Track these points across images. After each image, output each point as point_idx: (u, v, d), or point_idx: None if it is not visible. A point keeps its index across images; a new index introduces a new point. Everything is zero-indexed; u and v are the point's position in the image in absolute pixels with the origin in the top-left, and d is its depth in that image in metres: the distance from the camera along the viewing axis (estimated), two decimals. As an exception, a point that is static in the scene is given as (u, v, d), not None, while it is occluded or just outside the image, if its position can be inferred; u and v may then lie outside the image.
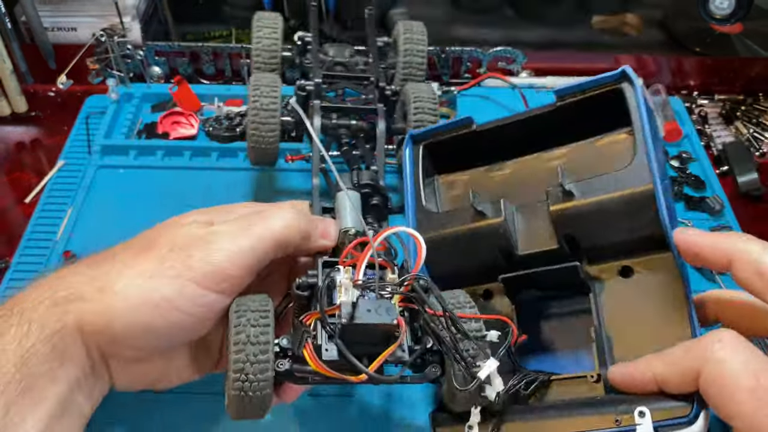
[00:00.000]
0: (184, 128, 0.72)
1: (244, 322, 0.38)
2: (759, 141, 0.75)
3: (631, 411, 0.37)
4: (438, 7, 0.95)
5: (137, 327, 0.38)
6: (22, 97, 0.76)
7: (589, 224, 0.43)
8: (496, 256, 0.46)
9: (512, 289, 0.46)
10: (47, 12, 0.80)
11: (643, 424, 0.37)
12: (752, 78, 0.83)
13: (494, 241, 0.46)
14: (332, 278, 0.39)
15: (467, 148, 0.51)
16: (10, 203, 0.67)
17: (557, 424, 0.40)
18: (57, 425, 0.37)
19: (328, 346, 0.38)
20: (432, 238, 0.47)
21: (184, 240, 0.40)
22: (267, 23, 0.65)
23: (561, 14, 0.98)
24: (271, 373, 0.38)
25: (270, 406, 0.39)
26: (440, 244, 0.47)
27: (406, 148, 0.52)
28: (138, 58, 0.76)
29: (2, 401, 0.34)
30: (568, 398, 0.41)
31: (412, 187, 0.51)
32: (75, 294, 0.38)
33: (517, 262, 0.45)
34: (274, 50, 0.64)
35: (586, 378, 0.42)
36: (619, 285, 0.43)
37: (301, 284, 0.41)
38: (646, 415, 0.37)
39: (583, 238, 0.43)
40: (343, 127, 0.59)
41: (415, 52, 0.64)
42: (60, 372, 0.37)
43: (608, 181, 0.42)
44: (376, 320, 0.37)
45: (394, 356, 0.39)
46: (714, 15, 0.79)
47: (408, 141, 0.52)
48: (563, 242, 0.44)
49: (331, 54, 0.65)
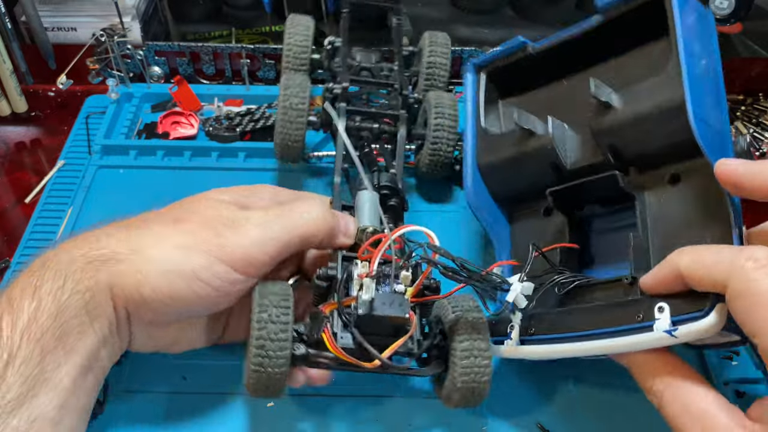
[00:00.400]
0: (184, 128, 0.72)
1: (267, 303, 0.41)
2: (759, 141, 0.75)
3: (652, 307, 0.38)
4: (438, 7, 0.95)
5: (165, 293, 0.40)
6: (22, 97, 0.76)
7: (629, 134, 0.44)
8: (547, 172, 0.48)
9: (562, 204, 0.48)
10: (47, 12, 0.80)
11: (661, 319, 0.38)
12: (752, 78, 0.83)
13: (544, 158, 0.48)
14: (350, 271, 0.43)
15: (524, 72, 0.53)
16: (10, 203, 0.67)
17: (587, 323, 0.42)
18: (84, 378, 0.39)
19: (343, 335, 0.42)
20: (491, 162, 0.51)
21: (216, 219, 0.43)
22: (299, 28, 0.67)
23: (561, 14, 0.97)
24: (288, 352, 0.41)
25: (285, 385, 0.42)
26: (498, 166, 0.50)
27: (468, 75, 0.55)
28: (138, 58, 0.76)
29: (39, 348, 0.36)
30: (605, 301, 0.43)
31: (474, 112, 0.54)
32: (109, 254, 0.40)
33: (567, 177, 0.47)
34: (305, 53, 0.67)
35: (622, 281, 0.42)
36: (667, 193, 0.43)
37: (321, 275, 0.44)
38: (665, 310, 0.38)
39: (625, 148, 0.44)
40: (366, 129, 0.61)
41: (438, 64, 0.68)
42: (90, 327, 0.39)
43: (643, 89, 0.43)
44: (390, 313, 0.41)
45: (405, 347, 0.42)
46: (714, 15, 0.79)
47: (471, 68, 0.55)
48: (608, 154, 0.45)
49: (358, 59, 0.67)
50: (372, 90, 0.64)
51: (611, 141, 0.45)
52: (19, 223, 0.64)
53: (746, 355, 0.54)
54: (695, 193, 0.41)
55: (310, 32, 0.68)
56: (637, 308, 0.40)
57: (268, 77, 0.79)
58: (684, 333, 0.37)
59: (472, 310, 0.45)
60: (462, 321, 0.44)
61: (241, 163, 0.69)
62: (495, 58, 0.54)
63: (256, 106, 0.74)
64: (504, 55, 0.54)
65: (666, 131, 0.42)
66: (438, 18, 0.94)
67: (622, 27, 0.47)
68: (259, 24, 0.91)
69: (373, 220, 0.49)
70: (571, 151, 0.47)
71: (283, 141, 0.61)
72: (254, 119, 0.73)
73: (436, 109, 0.62)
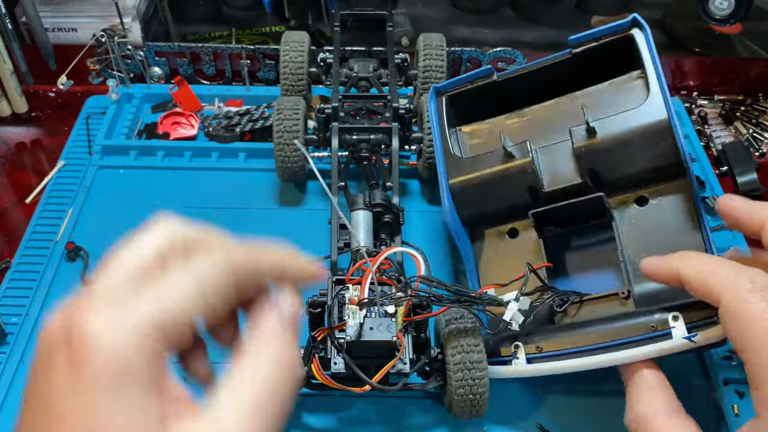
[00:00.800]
0: (185, 129, 0.73)
1: None
2: (759, 141, 0.75)
3: (665, 318, 0.42)
4: (438, 7, 0.95)
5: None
6: (23, 98, 0.76)
7: (611, 158, 0.47)
8: (522, 194, 0.50)
9: (540, 224, 0.50)
10: (47, 12, 0.80)
11: (677, 327, 0.41)
12: (752, 78, 0.83)
13: (522, 181, 0.49)
14: (342, 296, 0.44)
15: (487, 98, 0.54)
16: (11, 204, 0.67)
17: (594, 337, 0.44)
18: None
19: (336, 360, 0.43)
20: (461, 183, 0.52)
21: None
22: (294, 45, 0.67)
23: (561, 15, 0.98)
24: None
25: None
26: (468, 188, 0.51)
27: (431, 101, 0.55)
28: (138, 59, 0.76)
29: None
30: (604, 315, 0.45)
31: (440, 136, 0.54)
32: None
33: (543, 199, 0.49)
34: (301, 70, 0.67)
35: (617, 295, 0.46)
36: (635, 212, 0.48)
37: (313, 302, 0.45)
38: (679, 319, 0.42)
39: (605, 172, 0.48)
40: (363, 141, 0.62)
41: (434, 66, 0.68)
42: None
43: (627, 117, 0.47)
44: (377, 337, 0.42)
45: (396, 368, 0.43)
46: (714, 15, 0.79)
47: (432, 94, 0.55)
48: (587, 176, 0.48)
49: (355, 69, 0.67)
50: (366, 104, 0.64)
51: (593, 165, 0.48)
52: (20, 224, 0.64)
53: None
54: (666, 213, 0.47)
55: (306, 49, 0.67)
56: (646, 319, 0.43)
57: (269, 78, 0.79)
58: (702, 339, 0.41)
59: (466, 323, 0.45)
60: (455, 334, 0.45)
61: (241, 164, 0.69)
62: (458, 83, 0.55)
63: (256, 106, 0.75)
64: (467, 81, 0.54)
65: (649, 154, 0.46)
66: (438, 18, 0.94)
67: (590, 61, 0.50)
68: (259, 24, 0.91)
69: (367, 239, 0.50)
70: (547, 174, 0.49)
71: (284, 164, 0.62)
72: (253, 119, 0.73)
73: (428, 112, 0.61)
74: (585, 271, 0.50)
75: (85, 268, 0.59)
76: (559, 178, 0.49)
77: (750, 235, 0.40)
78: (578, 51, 0.50)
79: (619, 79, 0.50)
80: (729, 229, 0.48)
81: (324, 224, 0.55)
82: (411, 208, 0.64)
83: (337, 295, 0.45)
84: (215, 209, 0.64)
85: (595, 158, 0.47)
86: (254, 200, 0.66)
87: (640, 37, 0.48)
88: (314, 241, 0.60)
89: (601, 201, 0.47)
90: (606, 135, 0.47)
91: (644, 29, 0.48)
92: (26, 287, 0.58)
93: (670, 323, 0.42)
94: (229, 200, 0.65)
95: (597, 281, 0.49)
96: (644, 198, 0.48)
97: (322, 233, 0.57)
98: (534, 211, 0.49)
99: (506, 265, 0.51)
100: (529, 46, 0.83)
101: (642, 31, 0.48)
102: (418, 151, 0.65)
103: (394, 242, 0.53)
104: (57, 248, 0.60)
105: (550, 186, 0.49)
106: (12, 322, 0.55)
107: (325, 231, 0.54)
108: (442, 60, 0.68)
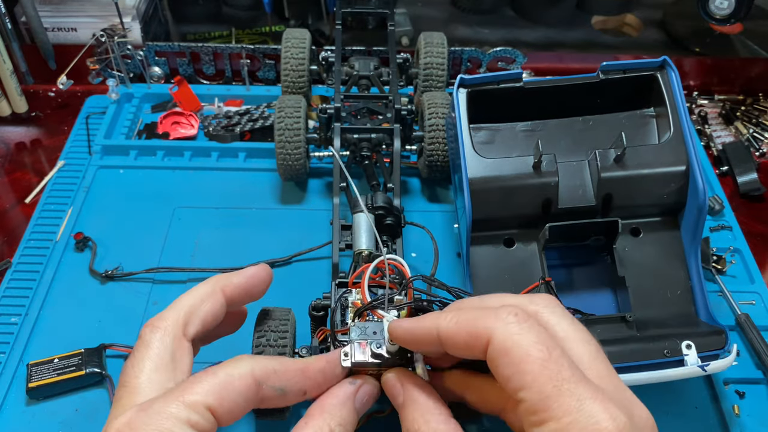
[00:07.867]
0: (184, 128, 0.73)
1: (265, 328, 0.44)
2: (759, 141, 0.75)
3: (678, 344, 0.44)
4: (438, 7, 0.96)
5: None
6: (23, 98, 0.76)
7: (629, 186, 0.49)
8: (535, 206, 0.50)
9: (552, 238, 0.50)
10: (47, 12, 0.80)
11: (690, 355, 0.44)
12: (752, 78, 0.83)
13: (541, 193, 0.50)
14: (345, 299, 0.45)
15: (506, 102, 0.53)
16: (11, 203, 0.67)
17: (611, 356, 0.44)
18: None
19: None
20: (479, 182, 0.50)
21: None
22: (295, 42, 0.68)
23: (561, 14, 0.98)
24: None
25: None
26: (487, 189, 0.50)
27: (457, 92, 0.53)
28: (138, 59, 0.76)
29: None
30: (610, 336, 0.46)
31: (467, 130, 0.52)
32: None
33: (554, 214, 0.50)
34: (302, 68, 0.67)
35: (626, 318, 0.47)
36: (628, 242, 0.50)
37: (317, 306, 0.46)
38: (692, 347, 0.44)
39: (619, 198, 0.50)
40: (365, 140, 0.62)
41: (435, 64, 0.68)
42: None
43: (651, 153, 0.50)
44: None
45: None
46: (714, 15, 0.79)
47: (458, 85, 0.53)
48: (600, 200, 0.49)
49: (356, 68, 0.67)
50: (368, 105, 0.64)
51: (611, 190, 0.49)
52: (20, 223, 0.64)
53: (746, 355, 0.54)
54: (654, 244, 0.50)
55: (307, 47, 0.68)
56: (660, 344, 0.44)
57: (268, 77, 0.79)
58: (713, 368, 0.44)
59: None
60: None
61: (241, 163, 0.69)
62: (485, 80, 0.53)
63: (256, 106, 0.75)
64: (495, 80, 0.53)
65: (662, 192, 0.49)
66: (438, 18, 0.94)
67: (614, 89, 0.52)
68: (259, 24, 0.91)
69: (368, 242, 0.50)
70: (563, 191, 0.50)
71: (285, 162, 0.62)
72: (253, 119, 0.73)
73: (430, 110, 0.62)
74: (577, 289, 0.51)
75: (93, 259, 0.59)
76: (574, 197, 0.50)
77: (465, 357, 0.36)
78: (606, 78, 0.51)
79: (637, 113, 0.52)
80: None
81: (325, 223, 0.55)
82: (411, 207, 0.64)
83: (340, 298, 0.45)
84: (215, 209, 0.64)
85: (614, 186, 0.49)
86: (254, 200, 0.65)
87: (667, 79, 0.51)
88: (315, 241, 0.60)
89: (616, 226, 0.48)
90: (631, 166, 0.49)
91: (673, 72, 0.50)
92: (26, 287, 0.57)
93: (683, 350, 0.44)
94: (229, 200, 0.65)
95: (589, 300, 0.50)
96: (638, 230, 0.51)
97: (322, 233, 0.57)
98: (552, 225, 0.49)
99: (499, 274, 0.50)
100: (529, 46, 0.83)
101: (670, 74, 0.51)
102: (419, 150, 0.65)
103: (396, 245, 0.54)
104: (57, 248, 0.60)
105: (565, 203, 0.50)
106: (12, 322, 0.55)
107: (326, 230, 0.54)
108: (443, 58, 0.68)
